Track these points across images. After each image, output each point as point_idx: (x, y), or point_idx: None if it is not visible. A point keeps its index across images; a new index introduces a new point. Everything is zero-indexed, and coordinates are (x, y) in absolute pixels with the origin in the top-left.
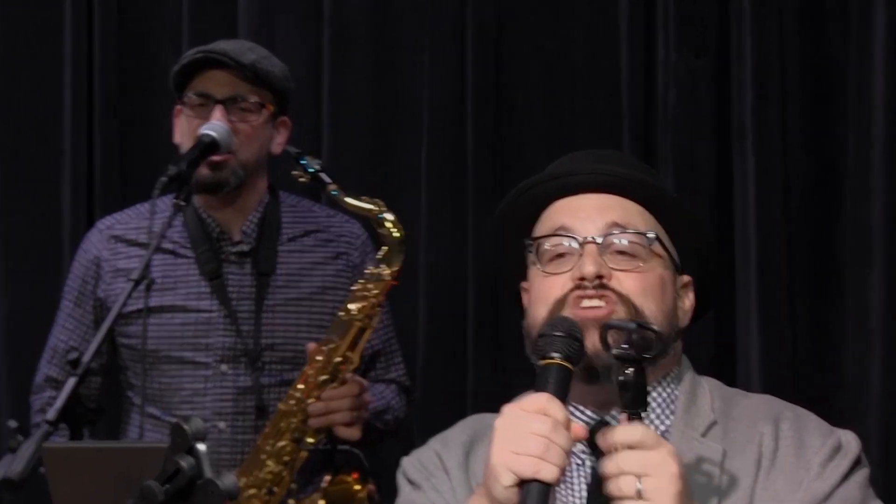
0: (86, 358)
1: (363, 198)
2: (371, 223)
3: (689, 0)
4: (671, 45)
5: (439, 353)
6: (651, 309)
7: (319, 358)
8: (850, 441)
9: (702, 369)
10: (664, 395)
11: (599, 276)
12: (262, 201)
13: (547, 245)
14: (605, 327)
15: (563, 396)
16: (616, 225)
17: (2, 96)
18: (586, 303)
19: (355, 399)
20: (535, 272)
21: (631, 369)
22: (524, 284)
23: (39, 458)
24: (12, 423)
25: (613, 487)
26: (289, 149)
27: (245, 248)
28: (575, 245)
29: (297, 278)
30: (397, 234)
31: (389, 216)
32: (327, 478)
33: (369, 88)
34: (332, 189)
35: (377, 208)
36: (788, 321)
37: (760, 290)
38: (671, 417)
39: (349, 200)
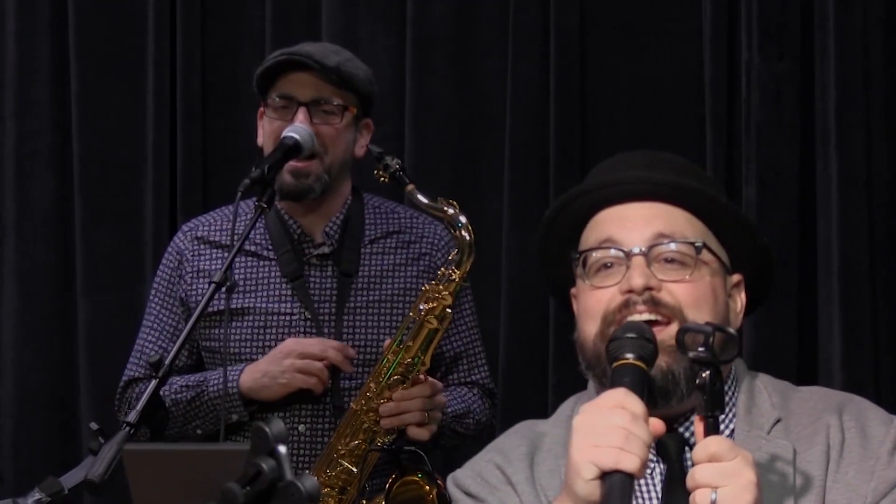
0: (167, 360)
1: (439, 199)
2: (445, 224)
3: (773, 4)
4: (754, 49)
5: (521, 357)
6: (703, 318)
7: (390, 357)
8: None
9: (784, 376)
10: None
11: (648, 289)
12: (345, 203)
13: (593, 257)
14: (682, 330)
15: (640, 393)
16: (662, 235)
17: (85, 102)
18: (636, 316)
19: (427, 400)
20: (582, 285)
21: (707, 372)
22: (573, 291)
23: (120, 460)
24: (93, 426)
25: (692, 502)
26: (371, 147)
27: (327, 249)
28: (621, 256)
29: (379, 280)
30: (468, 237)
31: (462, 218)
32: (391, 478)
33: (452, 91)
34: (409, 189)
35: (452, 210)
36: (870, 328)
37: (843, 295)
38: (733, 421)
39: (423, 200)
